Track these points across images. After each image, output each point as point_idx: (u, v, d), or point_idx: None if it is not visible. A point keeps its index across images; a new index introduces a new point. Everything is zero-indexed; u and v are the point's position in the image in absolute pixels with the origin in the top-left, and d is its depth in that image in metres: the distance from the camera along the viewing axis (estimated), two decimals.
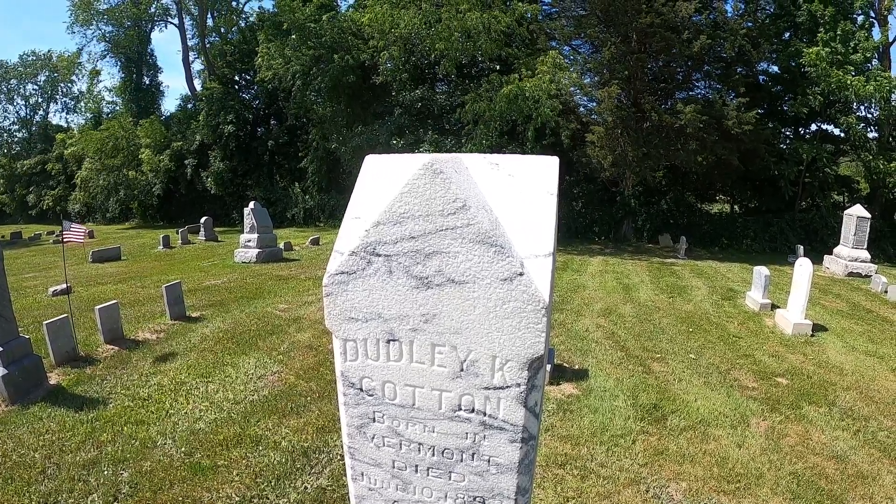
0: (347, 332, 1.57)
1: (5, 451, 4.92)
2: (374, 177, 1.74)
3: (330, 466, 4.86)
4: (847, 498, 4.49)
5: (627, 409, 6.12)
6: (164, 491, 4.39)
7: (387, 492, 1.79)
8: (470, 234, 1.38)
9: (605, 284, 13.56)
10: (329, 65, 25.67)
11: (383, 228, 1.44)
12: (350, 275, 1.52)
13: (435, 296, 1.46)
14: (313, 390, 6.45)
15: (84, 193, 37.92)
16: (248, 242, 16.70)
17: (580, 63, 23.25)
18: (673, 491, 4.60)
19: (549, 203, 1.57)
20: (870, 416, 6.02)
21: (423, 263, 1.44)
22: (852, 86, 20.21)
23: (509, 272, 1.39)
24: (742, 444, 5.41)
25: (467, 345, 1.47)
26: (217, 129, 33.65)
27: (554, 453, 5.14)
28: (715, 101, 21.10)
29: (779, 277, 13.79)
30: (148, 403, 6.03)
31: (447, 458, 1.65)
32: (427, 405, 1.60)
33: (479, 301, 1.43)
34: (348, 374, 1.64)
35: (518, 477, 1.61)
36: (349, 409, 1.69)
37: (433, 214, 1.39)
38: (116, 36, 41.31)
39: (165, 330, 8.70)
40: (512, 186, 1.60)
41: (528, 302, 1.40)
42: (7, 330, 6.04)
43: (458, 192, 1.37)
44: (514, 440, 1.55)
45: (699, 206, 28.22)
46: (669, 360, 7.79)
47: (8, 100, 51.82)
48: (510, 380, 1.47)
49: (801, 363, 7.74)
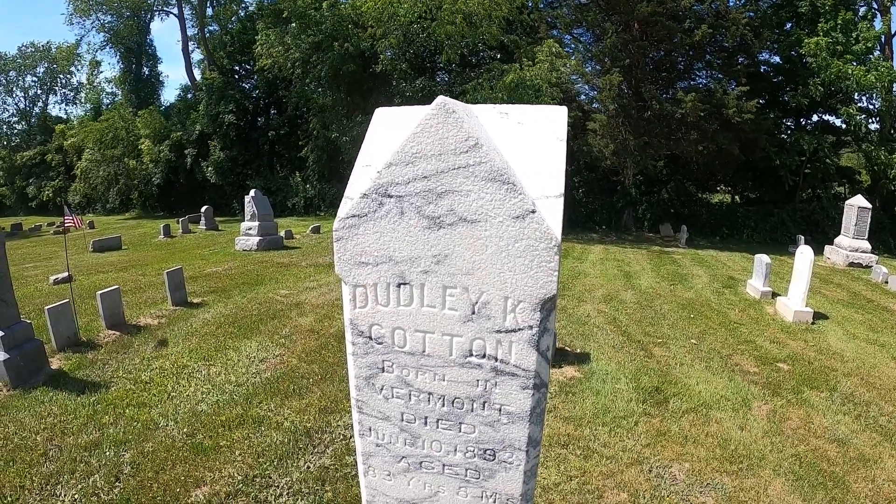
0: (357, 278, 1.55)
1: (7, 435, 4.90)
2: (384, 127, 1.72)
3: (332, 446, 4.85)
4: (849, 480, 4.47)
5: (629, 391, 6.11)
6: (166, 471, 4.38)
7: (395, 447, 1.77)
8: (482, 172, 1.37)
9: (606, 272, 13.55)
10: (329, 53, 25.54)
11: (395, 169, 1.42)
12: (361, 218, 1.50)
13: (447, 236, 1.44)
14: (315, 372, 6.44)
15: (84, 184, 37.76)
16: (248, 230, 16.67)
17: (581, 52, 23.14)
18: (676, 471, 4.59)
19: (558, 148, 1.55)
20: (871, 402, 6.00)
21: (435, 203, 1.42)
22: (853, 76, 20.14)
23: (521, 210, 1.37)
24: (744, 426, 5.40)
25: (479, 286, 1.45)
26: (217, 118, 33.56)
27: (556, 434, 5.13)
28: (716, 91, 21.02)
29: (779, 267, 13.78)
30: (150, 386, 6.01)
31: (457, 408, 1.63)
32: (437, 352, 1.58)
33: (490, 240, 1.41)
34: (357, 321, 1.62)
35: (530, 427, 1.59)
36: (357, 359, 1.67)
37: (446, 153, 1.37)
38: (116, 26, 41.10)
39: (167, 315, 8.68)
40: (522, 133, 1.58)
41: (540, 240, 1.38)
42: (8, 315, 5.99)
43: (471, 131, 1.35)
44: (526, 387, 1.53)
45: (700, 196, 28.20)
46: (671, 345, 7.78)
47: (7, 92, 51.48)
48: (522, 322, 1.45)
49: (801, 349, 7.73)
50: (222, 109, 33.44)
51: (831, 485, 4.40)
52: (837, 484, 4.42)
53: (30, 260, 16.67)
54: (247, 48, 33.71)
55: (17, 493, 4.08)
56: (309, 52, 26.31)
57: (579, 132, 22.07)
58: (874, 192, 23.21)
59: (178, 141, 34.97)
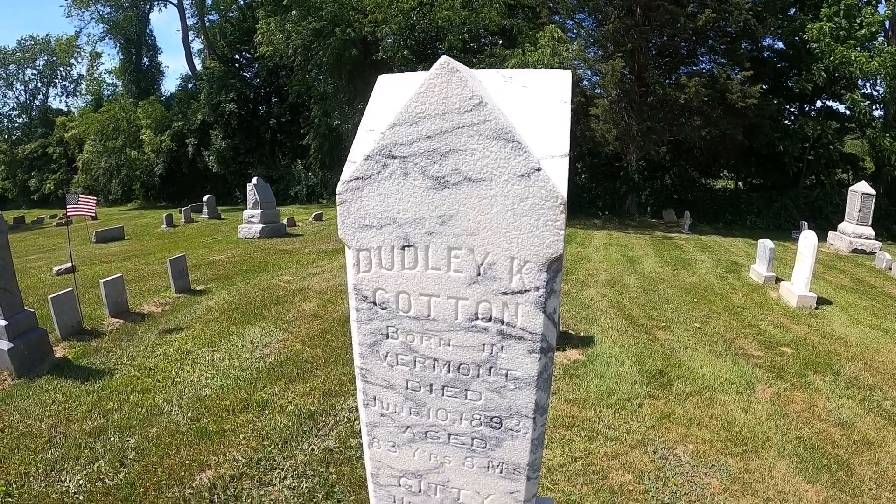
0: (361, 241, 1.53)
1: (11, 423, 4.91)
2: (386, 92, 1.69)
3: (337, 429, 4.86)
4: (854, 462, 4.48)
5: (633, 374, 6.12)
6: (171, 455, 4.39)
7: (400, 416, 1.76)
8: (487, 130, 1.35)
9: (609, 257, 13.54)
10: (331, 38, 25.42)
11: (399, 130, 1.40)
12: (365, 180, 1.48)
13: (451, 196, 1.42)
14: (319, 356, 6.45)
15: (86, 176, 37.73)
16: (251, 218, 16.68)
17: (583, 37, 22.97)
18: (680, 452, 4.60)
19: (563, 110, 1.53)
20: (875, 386, 6.00)
21: (440, 163, 1.40)
22: (856, 61, 19.96)
23: (527, 168, 1.35)
24: (748, 409, 5.41)
25: (484, 246, 1.43)
26: (218, 107, 33.51)
27: (561, 415, 5.14)
28: (719, 76, 20.87)
29: (783, 253, 13.74)
30: (154, 373, 6.03)
31: (463, 374, 1.61)
32: (443, 315, 1.56)
33: (496, 199, 1.39)
34: (361, 286, 1.60)
35: (537, 392, 1.58)
36: (361, 325, 1.65)
37: (450, 112, 1.35)
38: (115, 17, 40.85)
39: (170, 303, 8.70)
40: (526, 96, 1.55)
41: (546, 198, 1.36)
42: (12, 303, 5.98)
43: (475, 90, 1.33)
44: (533, 350, 1.52)
45: (703, 182, 28.12)
46: (674, 329, 7.77)
47: (7, 85, 51.20)
48: (529, 283, 1.43)
49: (805, 334, 7.72)
50: (223, 98, 33.39)
51: (836, 467, 4.41)
52: (842, 466, 4.42)
53: (32, 252, 16.69)
54: (247, 36, 33.61)
55: (22, 479, 4.09)
56: (310, 38, 26.20)
57: (582, 117, 21.94)
58: (878, 180, 23.02)
59: (180, 131, 34.94)
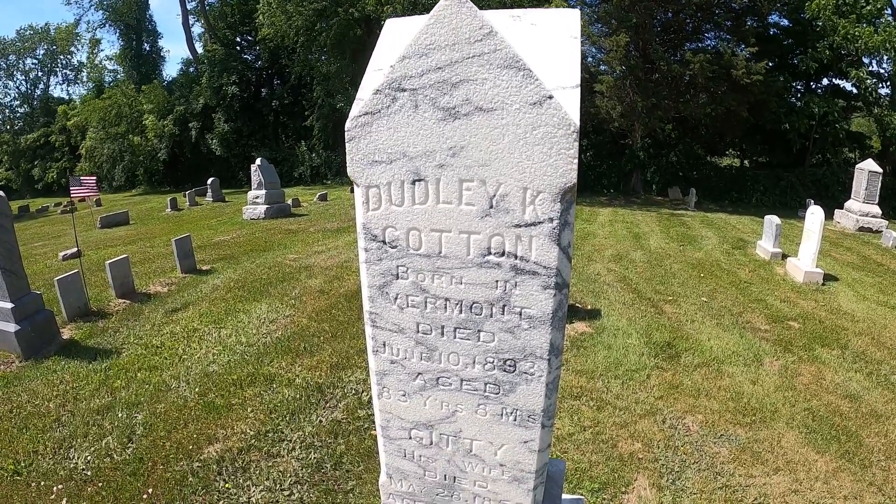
0: (370, 178, 1.51)
1: (19, 403, 4.93)
2: (394, 34, 1.67)
3: (345, 401, 4.88)
4: (862, 434, 4.47)
5: (641, 346, 6.11)
6: (179, 430, 4.42)
7: (410, 362, 1.74)
8: (497, 59, 1.32)
9: (615, 233, 13.52)
10: (334, 19, 25.20)
11: (408, 62, 1.38)
12: (374, 115, 1.45)
13: (462, 126, 1.39)
14: (326, 331, 6.46)
15: (89, 163, 37.69)
16: (255, 199, 16.70)
17: (587, 13, 22.74)
18: (689, 422, 4.60)
19: (573, 45, 1.50)
20: (882, 360, 5.98)
21: (450, 94, 1.37)
22: (860, 36, 19.70)
23: (538, 95, 1.32)
24: (756, 381, 5.40)
25: (496, 177, 1.41)
26: (220, 91, 33.44)
27: (569, 385, 5.14)
28: (724, 53, 20.68)
29: (789, 230, 13.66)
30: (161, 350, 6.05)
31: (475, 313, 1.59)
32: (455, 252, 1.54)
33: (508, 128, 1.36)
34: (370, 225, 1.57)
35: (552, 332, 1.55)
36: (370, 266, 1.63)
37: (460, 42, 1.33)
38: (114, 3, 40.64)
39: (176, 283, 8.71)
40: (535, 33, 1.53)
41: (558, 126, 1.33)
42: (18, 286, 6.00)
43: (485, 19, 1.31)
44: (548, 286, 1.49)
45: (708, 160, 27.96)
46: (681, 303, 7.75)
47: (7, 76, 50.95)
48: (542, 214, 1.41)
49: (812, 309, 7.68)
50: (225, 81, 33.30)
51: (844, 438, 4.40)
52: (850, 437, 4.42)
53: (38, 239, 16.75)
54: (248, 18, 33.46)
55: (31, 458, 4.11)
56: (312, 19, 25.98)
57: (586, 94, 21.80)
58: (885, 158, 22.83)
59: (182, 115, 34.87)
